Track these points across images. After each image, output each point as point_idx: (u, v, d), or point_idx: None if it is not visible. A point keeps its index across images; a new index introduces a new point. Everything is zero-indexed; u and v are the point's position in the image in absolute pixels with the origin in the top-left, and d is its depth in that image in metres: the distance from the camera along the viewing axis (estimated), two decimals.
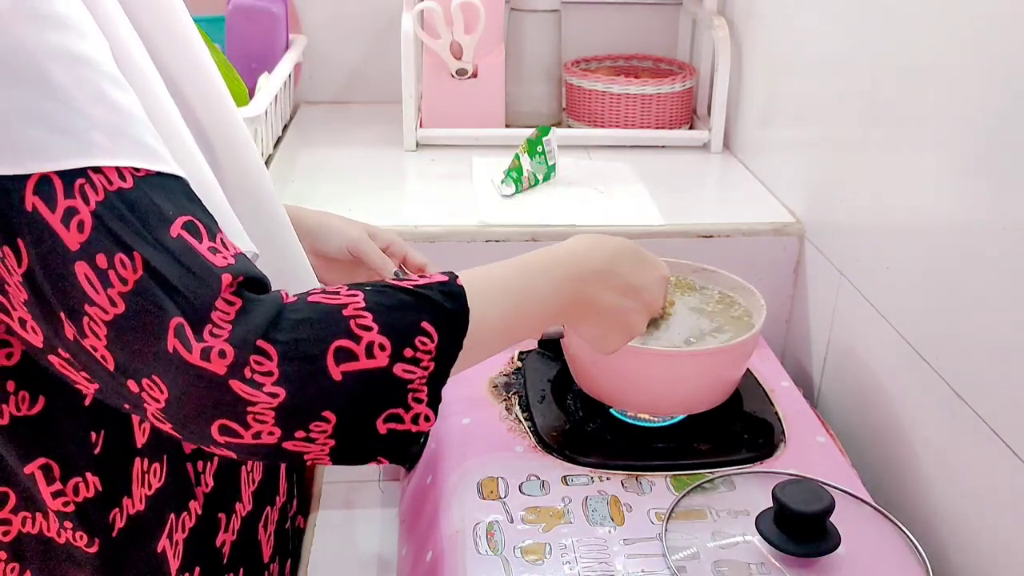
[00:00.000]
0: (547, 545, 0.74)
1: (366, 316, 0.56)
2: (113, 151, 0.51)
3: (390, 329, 0.56)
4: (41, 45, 0.50)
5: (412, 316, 0.57)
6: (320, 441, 0.55)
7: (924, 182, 0.85)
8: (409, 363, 0.56)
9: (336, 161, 1.32)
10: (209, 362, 0.51)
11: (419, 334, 0.57)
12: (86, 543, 0.64)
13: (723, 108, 1.36)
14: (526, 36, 1.45)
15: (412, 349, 0.56)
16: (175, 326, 0.51)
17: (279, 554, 0.82)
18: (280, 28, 1.41)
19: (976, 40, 0.77)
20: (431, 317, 0.58)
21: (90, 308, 0.51)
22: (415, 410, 0.58)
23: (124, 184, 0.52)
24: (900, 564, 0.73)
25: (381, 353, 0.55)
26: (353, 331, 0.55)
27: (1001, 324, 0.73)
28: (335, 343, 0.54)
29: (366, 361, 0.55)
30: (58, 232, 0.50)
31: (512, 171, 1.20)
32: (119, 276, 0.51)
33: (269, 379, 0.52)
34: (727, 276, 0.96)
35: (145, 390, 0.52)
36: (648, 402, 0.87)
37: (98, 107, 0.51)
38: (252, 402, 0.52)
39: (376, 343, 0.55)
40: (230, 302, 0.53)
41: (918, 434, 0.87)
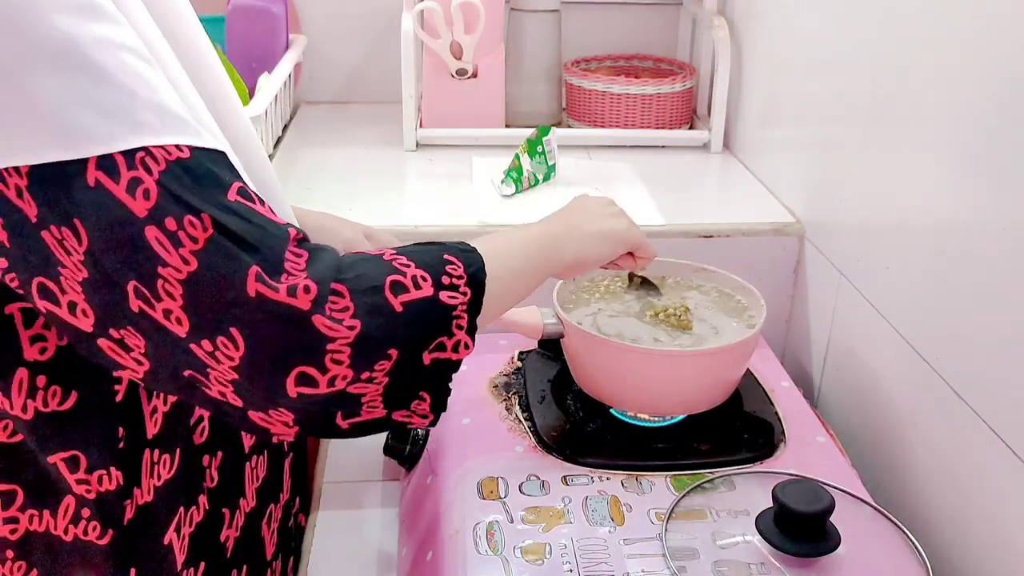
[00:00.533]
0: (547, 545, 0.74)
1: (401, 257, 0.61)
2: (163, 130, 0.53)
3: (424, 263, 0.61)
4: (83, 34, 0.51)
5: (435, 252, 0.63)
6: (378, 380, 0.58)
7: (924, 182, 0.85)
8: (449, 290, 0.61)
9: (336, 161, 1.32)
10: (295, 297, 0.54)
11: (447, 264, 0.62)
12: (98, 534, 0.64)
13: (723, 108, 1.36)
14: (526, 36, 1.45)
15: (448, 276, 0.62)
16: (254, 273, 0.53)
17: (282, 552, 0.82)
18: (280, 28, 1.41)
19: (976, 40, 0.77)
20: (449, 251, 0.64)
21: (163, 270, 0.52)
22: (457, 337, 0.62)
23: (182, 155, 0.53)
24: (900, 564, 0.73)
25: (424, 283, 0.60)
26: (398, 267, 0.60)
27: (1001, 324, 0.73)
28: (389, 278, 0.59)
29: (415, 292, 0.59)
30: (124, 201, 0.51)
31: (512, 171, 1.20)
32: (190, 236, 0.52)
33: (347, 314, 0.56)
34: (727, 276, 0.96)
35: (219, 348, 0.53)
36: (648, 402, 0.87)
37: (143, 88, 0.52)
38: (332, 338, 0.55)
39: (418, 275, 0.60)
40: (297, 253, 0.56)
41: (918, 434, 0.87)
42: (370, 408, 0.60)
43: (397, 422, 0.63)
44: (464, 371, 0.96)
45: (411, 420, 0.64)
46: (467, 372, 0.98)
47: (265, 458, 0.78)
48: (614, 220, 0.83)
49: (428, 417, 0.64)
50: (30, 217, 0.51)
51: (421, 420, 0.64)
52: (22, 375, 0.60)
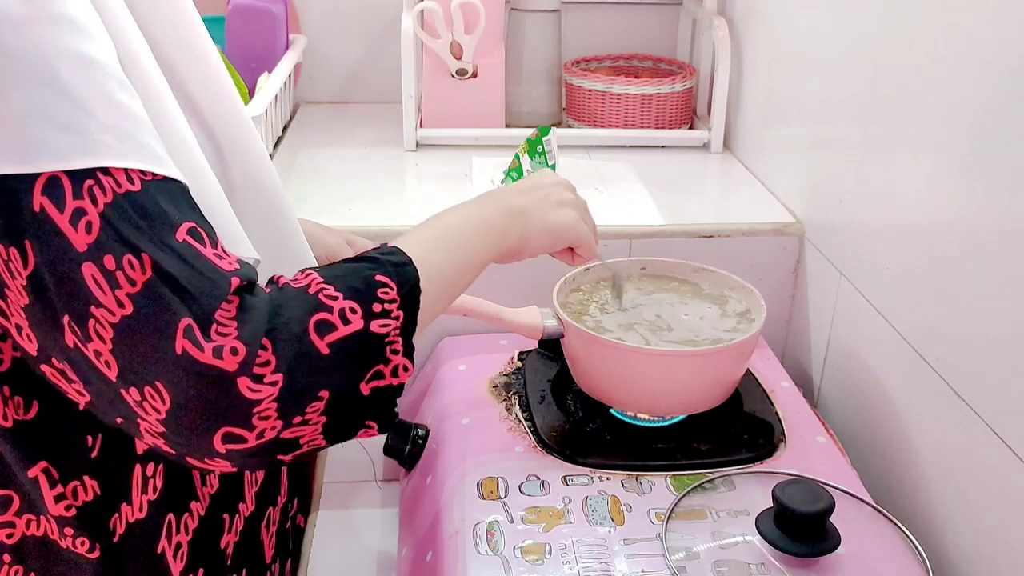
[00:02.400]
0: (547, 545, 0.74)
1: (329, 287, 0.58)
2: (122, 152, 0.51)
3: (353, 292, 0.58)
4: (53, 46, 0.50)
5: (365, 273, 0.60)
6: (314, 421, 0.56)
7: (924, 182, 0.85)
8: (381, 317, 0.59)
9: (336, 161, 1.32)
10: (221, 359, 0.51)
11: (378, 287, 0.59)
12: (87, 549, 0.64)
13: (723, 108, 1.36)
14: (526, 36, 1.45)
15: (379, 303, 0.59)
16: (184, 327, 0.51)
17: (280, 554, 0.82)
18: (280, 28, 1.41)
19: (976, 40, 0.77)
20: (382, 270, 0.61)
21: (96, 310, 0.50)
22: (393, 362, 0.59)
23: (132, 187, 0.52)
24: (900, 564, 0.73)
25: (354, 316, 0.57)
26: (323, 302, 0.57)
27: (1001, 324, 0.73)
28: (313, 318, 0.56)
29: (343, 328, 0.57)
30: (66, 233, 0.50)
31: (512, 171, 1.20)
32: (127, 277, 0.50)
33: (268, 368, 0.53)
34: (727, 276, 0.96)
35: (146, 399, 0.52)
36: (648, 402, 0.87)
37: (108, 109, 0.51)
38: (257, 401, 0.53)
39: (347, 308, 0.57)
40: (228, 301, 0.53)
41: (918, 434, 0.87)
42: (311, 444, 0.58)
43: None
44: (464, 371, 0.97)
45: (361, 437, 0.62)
46: (467, 372, 0.98)
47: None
48: (563, 212, 0.79)
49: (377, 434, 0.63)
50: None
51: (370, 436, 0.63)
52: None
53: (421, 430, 0.94)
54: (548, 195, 0.79)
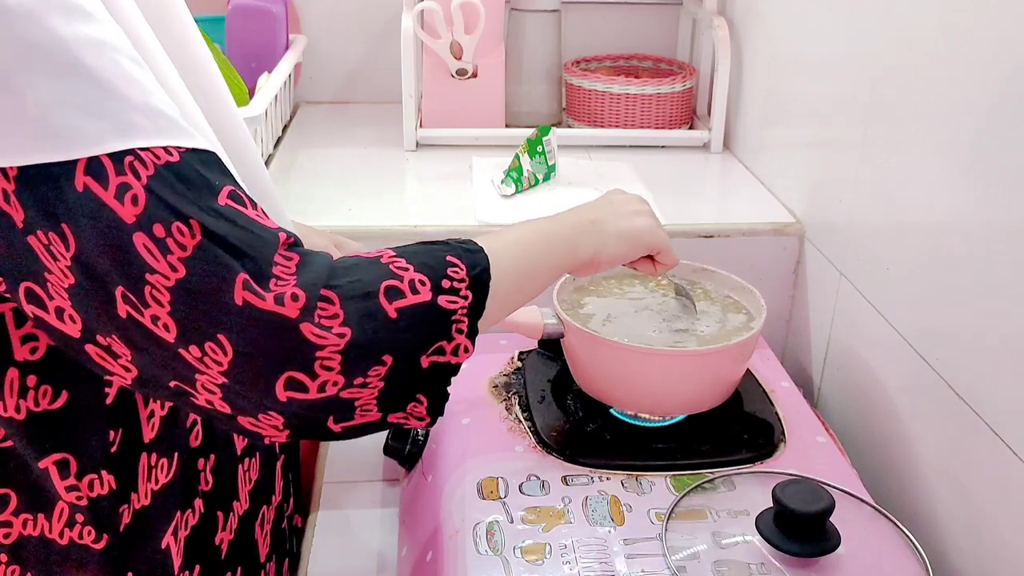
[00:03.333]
0: (547, 545, 0.74)
1: (400, 260, 0.60)
2: (153, 131, 0.52)
3: (424, 266, 0.60)
4: (72, 35, 0.50)
5: (437, 253, 0.62)
6: (372, 385, 0.58)
7: (924, 182, 0.85)
8: (449, 294, 0.61)
9: (336, 161, 1.32)
10: (282, 306, 0.53)
11: (448, 266, 0.62)
12: (93, 539, 0.64)
13: (723, 108, 1.36)
14: (526, 36, 1.45)
15: (448, 280, 0.61)
16: (242, 281, 0.53)
17: (275, 553, 0.82)
18: (280, 28, 1.41)
19: (976, 40, 0.77)
20: (453, 252, 0.63)
21: (151, 276, 0.52)
22: (456, 341, 0.61)
23: (171, 158, 0.53)
24: (900, 564, 0.73)
25: (423, 288, 0.59)
26: (395, 272, 0.59)
27: (1001, 324, 0.73)
28: (384, 283, 0.58)
29: (412, 297, 0.59)
30: (112, 207, 0.51)
31: (512, 171, 1.20)
32: (178, 243, 0.52)
33: (336, 321, 0.55)
34: (727, 276, 0.96)
35: (207, 354, 0.53)
36: (648, 402, 0.87)
37: (133, 90, 0.52)
38: (321, 346, 0.54)
39: (416, 279, 0.59)
40: (288, 257, 0.55)
41: (918, 434, 0.87)
42: (364, 412, 0.60)
43: (392, 423, 0.63)
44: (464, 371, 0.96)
45: (407, 422, 0.63)
46: (467, 372, 0.98)
47: (257, 460, 0.78)
48: (639, 219, 0.80)
49: (425, 420, 0.64)
50: (16, 222, 0.51)
51: (417, 422, 0.64)
52: (13, 376, 0.59)
53: (421, 430, 0.94)
54: (621, 206, 0.80)
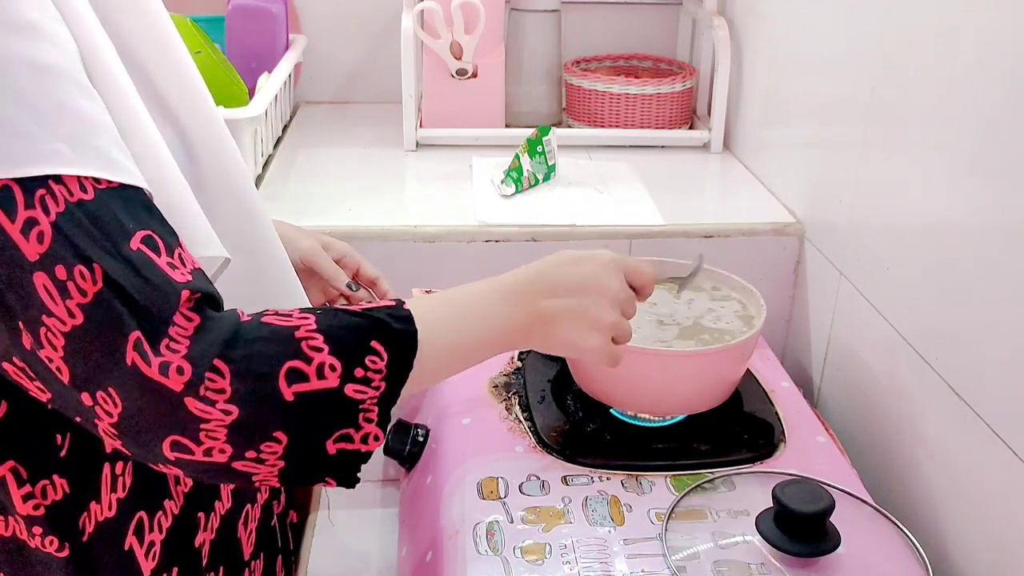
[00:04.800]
0: (547, 545, 0.74)
1: (317, 338, 0.56)
2: (74, 160, 0.51)
3: (340, 350, 0.57)
4: (8, 53, 0.50)
5: (362, 336, 0.58)
6: (270, 463, 0.56)
7: (924, 182, 0.85)
8: (360, 383, 0.57)
9: (336, 161, 1.32)
10: (167, 377, 0.51)
11: (369, 353, 0.58)
12: (56, 548, 0.64)
13: (723, 108, 1.36)
14: (526, 36, 1.45)
15: (363, 369, 0.57)
16: (134, 340, 0.51)
17: (262, 551, 0.82)
18: (280, 28, 1.41)
19: (976, 40, 0.77)
20: (380, 337, 0.59)
21: (48, 319, 0.51)
22: (365, 430, 0.58)
23: (85, 196, 0.52)
24: (900, 564, 0.73)
25: (332, 374, 0.56)
26: (305, 352, 0.55)
27: (1001, 324, 0.73)
28: (287, 364, 0.55)
29: (317, 382, 0.55)
30: (17, 242, 0.50)
31: (512, 171, 1.20)
32: (78, 288, 0.51)
33: (222, 396, 0.53)
34: (727, 276, 0.96)
35: (99, 403, 0.52)
36: (648, 402, 0.87)
37: (62, 116, 0.51)
38: (205, 419, 0.53)
39: (327, 364, 0.56)
40: (188, 318, 0.53)
41: (918, 434, 0.87)
42: (264, 483, 0.58)
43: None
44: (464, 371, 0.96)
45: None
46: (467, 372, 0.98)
47: None
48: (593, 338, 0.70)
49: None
50: None
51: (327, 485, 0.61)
52: None
53: (421, 430, 0.94)
54: (587, 309, 0.70)
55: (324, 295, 0.91)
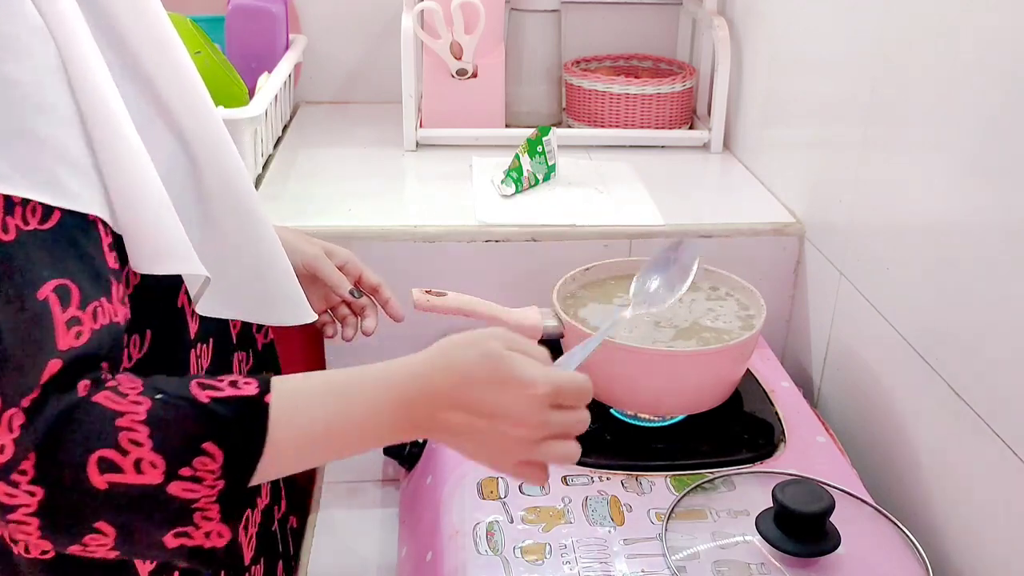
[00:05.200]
0: (547, 545, 0.74)
1: (140, 430, 0.53)
2: (11, 178, 0.51)
3: (165, 447, 0.53)
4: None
5: (193, 435, 0.54)
6: (99, 554, 0.54)
7: (924, 182, 0.85)
8: (189, 481, 0.54)
9: (336, 161, 1.32)
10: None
11: (199, 455, 0.54)
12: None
13: (723, 108, 1.36)
14: (526, 36, 1.45)
15: (191, 469, 0.54)
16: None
17: (263, 555, 0.81)
18: (280, 28, 1.41)
19: (976, 40, 0.77)
20: (217, 437, 0.55)
21: None
22: (205, 528, 0.55)
23: (5, 236, 0.51)
24: (900, 564, 0.73)
25: (153, 470, 0.53)
26: (121, 444, 0.53)
27: (1001, 324, 0.73)
28: (99, 452, 0.52)
29: (134, 476, 0.53)
30: None
31: (512, 171, 1.20)
32: None
33: (24, 478, 0.51)
34: (727, 276, 0.96)
35: None
36: (648, 402, 0.87)
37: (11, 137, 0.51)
38: (11, 507, 0.51)
39: (146, 460, 0.53)
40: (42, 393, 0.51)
41: (918, 434, 0.87)
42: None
43: None
44: None
45: None
46: None
47: None
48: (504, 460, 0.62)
49: None
50: None
51: None
52: None
53: None
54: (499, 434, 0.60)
55: (326, 301, 0.91)
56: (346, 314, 0.92)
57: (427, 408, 0.60)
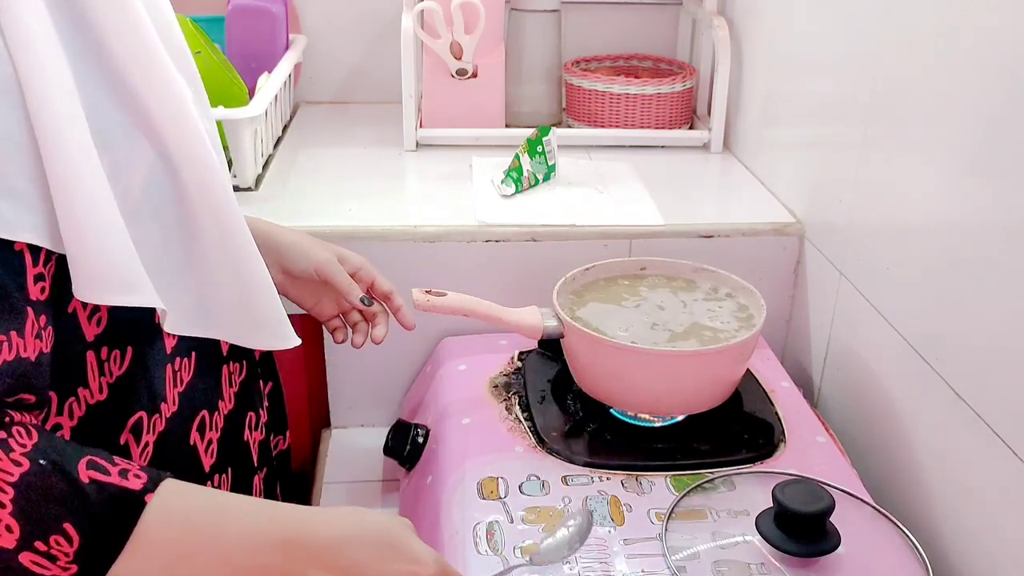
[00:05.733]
0: None
1: (7, 492, 0.52)
2: None
3: (25, 516, 0.52)
4: None
5: (56, 512, 0.53)
6: None
7: (924, 182, 0.85)
8: (42, 556, 0.52)
9: (336, 161, 1.32)
10: None
11: (56, 533, 0.52)
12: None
13: (723, 108, 1.36)
14: (526, 36, 1.45)
15: (45, 544, 0.52)
16: None
17: None
18: (280, 28, 1.41)
19: (976, 40, 0.77)
20: (77, 521, 0.53)
21: None
22: None
23: None
24: (900, 564, 0.73)
25: (8, 534, 0.51)
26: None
27: (1001, 324, 0.73)
28: None
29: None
30: None
31: (512, 171, 1.20)
32: None
33: None
34: (727, 276, 0.96)
35: None
36: (648, 402, 0.87)
37: None
38: None
39: (3, 523, 0.51)
40: None
41: (918, 434, 0.87)
42: None
43: None
44: (464, 371, 0.97)
45: None
46: (467, 372, 0.98)
47: (229, 476, 0.76)
48: None
49: None
50: None
51: None
52: None
53: (421, 430, 0.94)
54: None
55: (337, 307, 0.91)
56: (357, 320, 0.92)
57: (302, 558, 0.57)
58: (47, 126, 0.55)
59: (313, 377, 1.11)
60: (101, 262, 0.57)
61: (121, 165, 0.60)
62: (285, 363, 0.88)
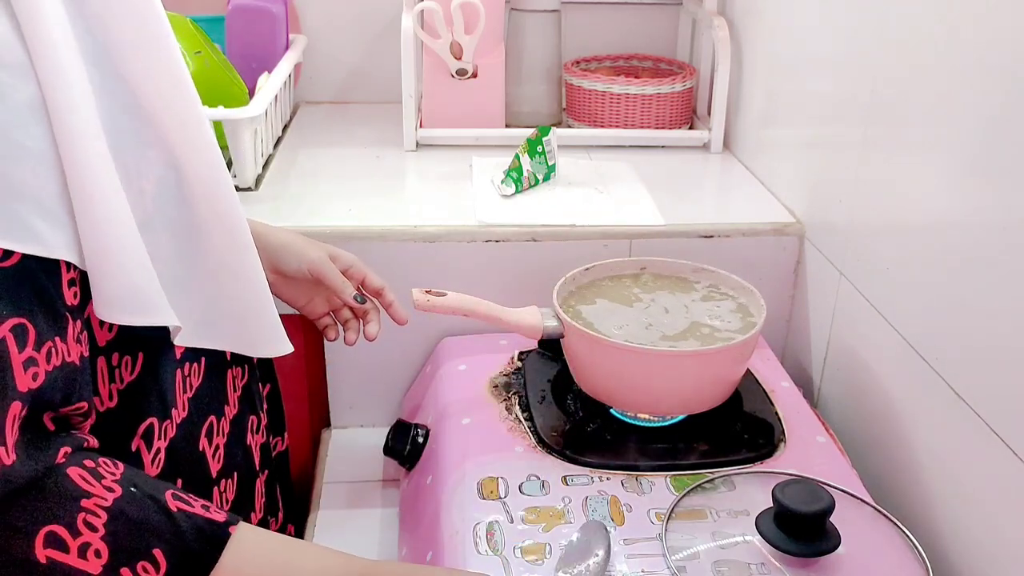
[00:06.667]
0: (547, 545, 0.74)
1: (100, 516, 0.53)
2: None
3: (115, 540, 0.53)
4: None
5: (148, 539, 0.54)
6: None
7: (924, 182, 0.85)
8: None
9: (336, 161, 1.32)
10: None
11: (145, 559, 0.54)
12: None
13: (723, 108, 1.36)
14: (526, 36, 1.45)
15: (131, 571, 0.53)
16: None
17: None
18: (280, 28, 1.41)
19: (977, 40, 0.77)
20: (168, 548, 0.55)
21: None
22: None
23: None
24: (900, 564, 0.73)
25: (95, 560, 0.52)
26: (77, 524, 0.52)
27: (1001, 324, 0.73)
28: (51, 526, 0.52)
29: (77, 560, 0.52)
30: None
31: (512, 171, 1.20)
32: None
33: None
34: (727, 276, 0.96)
35: None
36: (648, 402, 0.87)
37: None
38: None
39: (93, 547, 0.52)
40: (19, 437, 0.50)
41: (918, 434, 0.87)
42: None
43: None
44: (464, 371, 0.97)
45: None
46: (467, 372, 0.98)
47: (235, 481, 0.76)
48: None
49: None
50: None
51: None
52: None
53: (421, 430, 0.94)
54: None
55: (329, 304, 0.91)
56: (348, 318, 0.92)
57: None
58: (74, 148, 0.55)
59: (313, 377, 1.11)
60: (121, 283, 0.58)
61: (132, 173, 0.60)
62: (285, 364, 0.88)
